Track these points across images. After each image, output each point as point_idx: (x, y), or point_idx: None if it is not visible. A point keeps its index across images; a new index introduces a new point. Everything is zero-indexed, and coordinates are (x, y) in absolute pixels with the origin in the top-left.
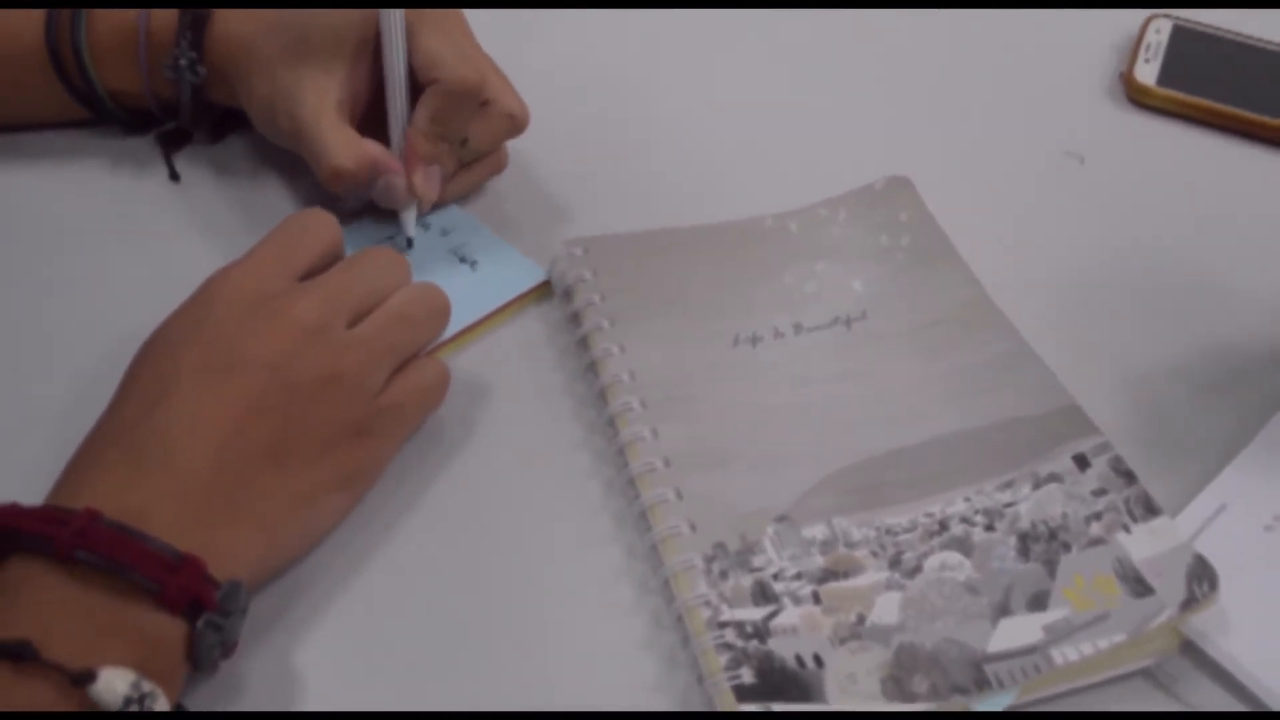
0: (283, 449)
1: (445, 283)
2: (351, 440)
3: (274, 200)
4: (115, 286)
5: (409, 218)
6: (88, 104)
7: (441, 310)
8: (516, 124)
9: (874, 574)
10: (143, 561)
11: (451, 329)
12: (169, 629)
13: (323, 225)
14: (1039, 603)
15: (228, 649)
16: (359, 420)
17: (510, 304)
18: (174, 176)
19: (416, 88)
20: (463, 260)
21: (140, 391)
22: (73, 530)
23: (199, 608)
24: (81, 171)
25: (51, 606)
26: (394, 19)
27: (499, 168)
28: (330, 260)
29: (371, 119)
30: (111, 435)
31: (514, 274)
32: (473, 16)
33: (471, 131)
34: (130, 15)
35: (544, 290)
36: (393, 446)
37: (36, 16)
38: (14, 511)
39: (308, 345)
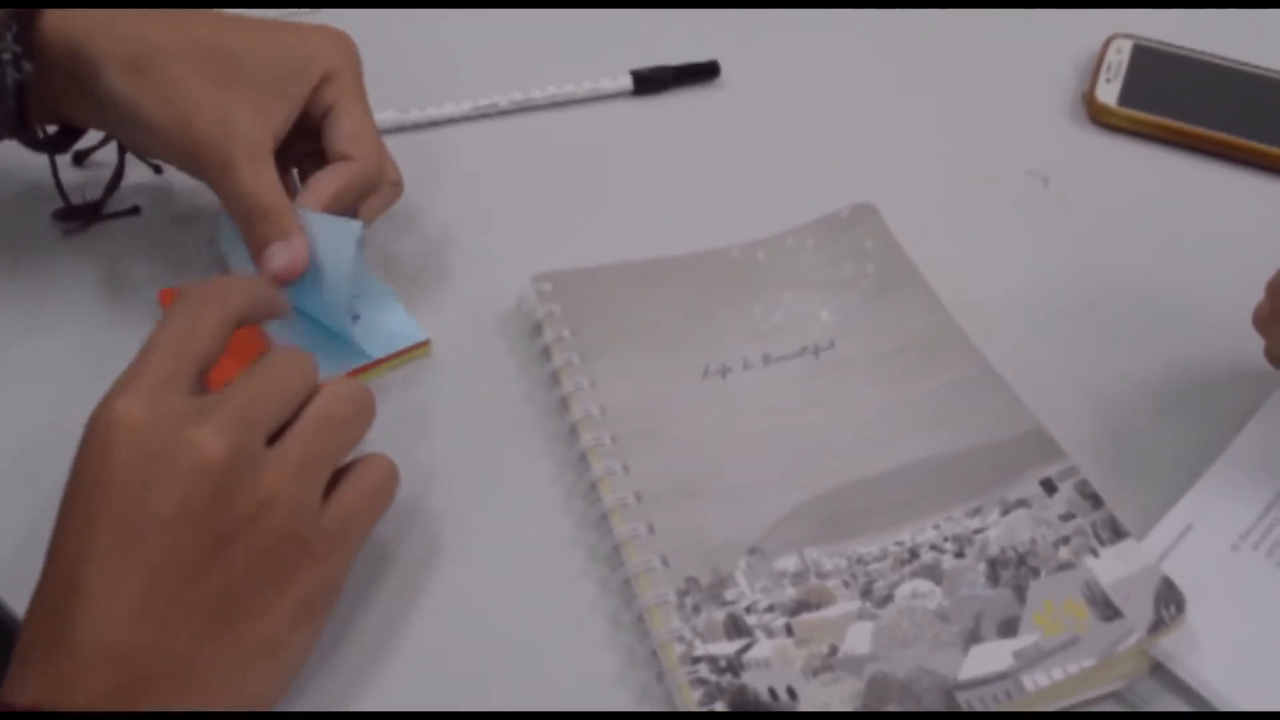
0: (228, 605)
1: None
2: (302, 565)
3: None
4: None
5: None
6: None
7: (368, 404)
8: (399, 191)
9: (845, 604)
10: None
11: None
12: None
13: (217, 301)
14: (1009, 629)
15: None
16: (305, 543)
17: (388, 359)
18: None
19: (307, 147)
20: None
21: (62, 564)
22: None
23: None
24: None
25: None
26: None
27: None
28: (254, 318)
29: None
30: (43, 618)
31: (395, 332)
32: (436, 34)
33: (363, 207)
34: None
35: (422, 350)
36: (348, 559)
37: None
38: None
39: (224, 485)
